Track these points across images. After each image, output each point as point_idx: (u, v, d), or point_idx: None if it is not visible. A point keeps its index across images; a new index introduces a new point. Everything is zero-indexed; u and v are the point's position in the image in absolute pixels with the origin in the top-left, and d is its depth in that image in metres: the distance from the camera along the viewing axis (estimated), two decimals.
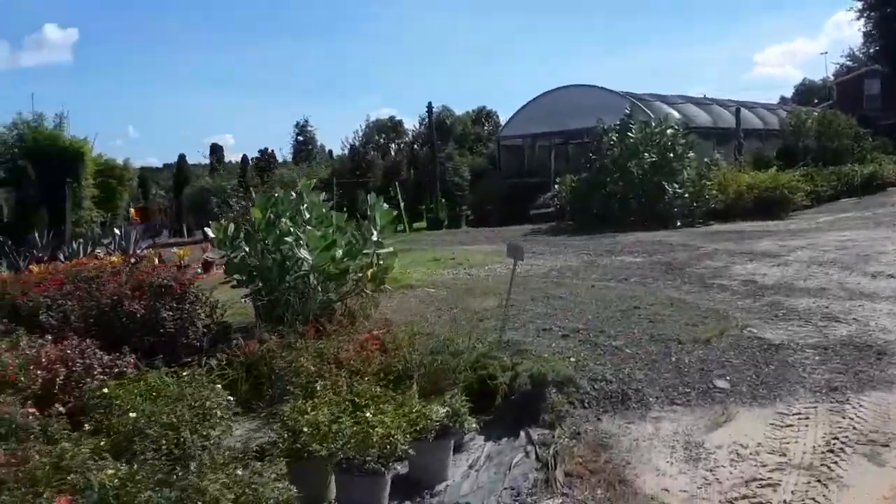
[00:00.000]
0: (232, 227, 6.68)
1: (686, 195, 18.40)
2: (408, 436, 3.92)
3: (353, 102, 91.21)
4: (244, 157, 43.22)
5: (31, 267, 11.54)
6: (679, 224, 17.70)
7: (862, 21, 44.35)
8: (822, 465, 4.32)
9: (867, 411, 5.05)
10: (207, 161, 44.50)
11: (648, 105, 25.38)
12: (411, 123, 35.45)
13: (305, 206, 6.74)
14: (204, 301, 6.50)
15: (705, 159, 20.56)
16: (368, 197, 7.18)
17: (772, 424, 4.96)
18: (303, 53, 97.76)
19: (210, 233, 6.67)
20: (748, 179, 19.93)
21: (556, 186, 21.46)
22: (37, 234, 17.53)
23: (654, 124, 19.62)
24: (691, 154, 19.39)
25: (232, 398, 4.65)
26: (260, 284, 6.64)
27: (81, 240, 17.77)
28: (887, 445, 4.47)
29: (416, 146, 35.21)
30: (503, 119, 33.13)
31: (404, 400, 4.33)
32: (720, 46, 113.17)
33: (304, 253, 6.30)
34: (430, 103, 29.12)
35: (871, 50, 46.54)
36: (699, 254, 12.78)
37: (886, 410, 5.03)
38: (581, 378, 5.75)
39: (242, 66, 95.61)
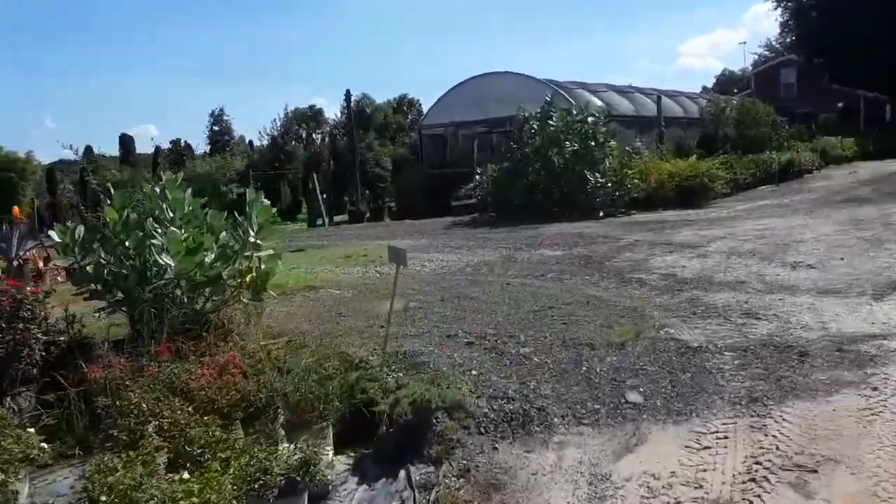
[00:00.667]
0: (81, 229, 5.68)
1: (608, 185, 18.02)
2: (236, 501, 3.11)
3: (277, 91, 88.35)
4: (157, 149, 41.17)
5: None
6: (601, 214, 17.31)
7: (779, 11, 45.45)
8: (742, 499, 3.74)
9: (791, 427, 4.53)
10: (117, 153, 42.23)
11: (570, 93, 24.96)
12: (333, 112, 34.23)
13: (167, 204, 5.81)
14: (42, 317, 5.49)
15: (627, 148, 20.29)
16: (247, 192, 6.29)
17: (687, 448, 4.37)
18: (230, 38, 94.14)
19: (55, 236, 5.65)
20: (669, 168, 19.75)
21: (478, 177, 20.82)
22: None
23: (575, 112, 19.18)
24: (613, 143, 19.06)
25: (57, 442, 3.77)
26: (120, 296, 5.69)
27: None
28: (815, 471, 3.93)
29: (337, 136, 34.03)
30: (426, 108, 32.25)
31: (245, 447, 3.52)
32: (648, 37, 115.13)
33: (165, 258, 5.39)
34: (348, 91, 28.18)
35: (788, 40, 47.80)
36: (619, 245, 12.34)
37: (812, 425, 4.51)
38: (480, 397, 5.07)
39: (169, 51, 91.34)
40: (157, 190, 5.86)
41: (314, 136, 38.04)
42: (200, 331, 5.81)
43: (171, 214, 5.76)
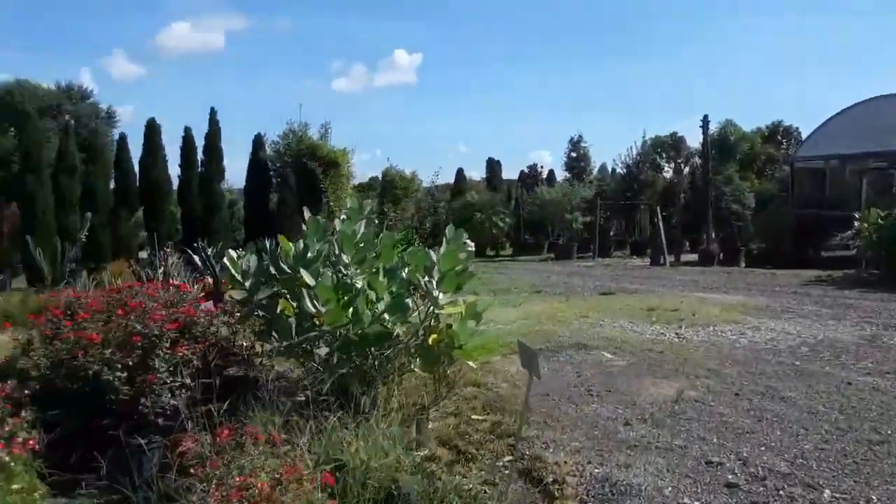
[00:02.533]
0: (252, 260, 4.91)
1: None
2: None
3: (636, 116, 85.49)
4: (521, 174, 42.47)
5: None
6: None
7: None
8: None
9: None
10: (483, 176, 44.64)
11: None
12: (696, 140, 31.29)
13: (337, 237, 4.73)
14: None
15: None
16: (447, 230, 4.93)
17: None
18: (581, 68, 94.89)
19: (234, 259, 4.97)
20: None
21: (856, 223, 16.54)
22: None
23: None
24: None
25: None
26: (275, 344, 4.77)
27: None
28: None
29: (696, 167, 30.99)
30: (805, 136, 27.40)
31: None
32: None
33: (309, 305, 4.31)
34: (706, 116, 24.96)
35: None
36: None
37: None
38: None
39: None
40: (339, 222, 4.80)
41: (670, 165, 35.35)
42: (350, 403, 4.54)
43: (338, 252, 4.63)
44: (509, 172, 45.37)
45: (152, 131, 21.07)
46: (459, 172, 46.03)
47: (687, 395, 6.06)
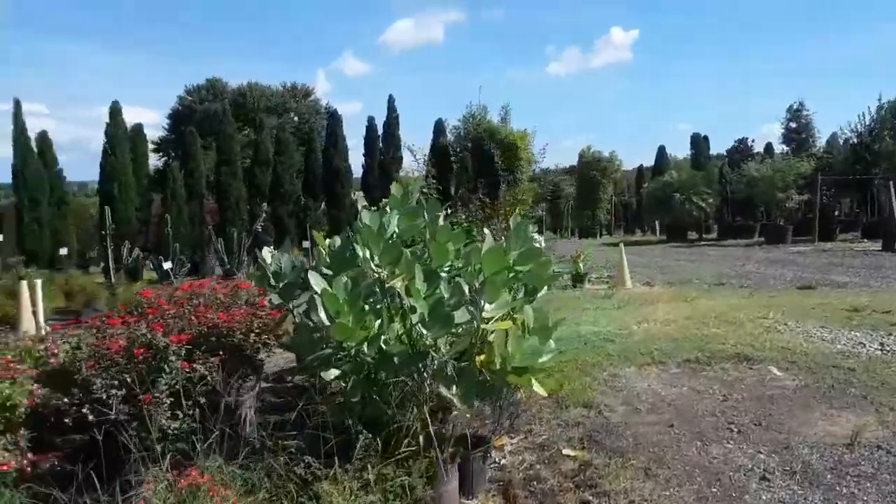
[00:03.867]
0: (285, 259, 4.21)
1: None
2: None
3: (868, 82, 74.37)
4: (730, 149, 38.63)
5: None
6: None
7: None
8: None
9: None
10: (688, 154, 41.39)
11: None
12: None
13: (387, 226, 3.87)
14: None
15: None
16: (511, 220, 3.84)
17: None
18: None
19: (268, 258, 4.30)
20: None
21: None
22: None
23: None
24: None
25: None
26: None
27: None
28: None
29: None
30: None
31: None
32: None
33: (316, 316, 3.52)
34: None
35: None
36: None
37: None
38: None
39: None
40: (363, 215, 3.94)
41: None
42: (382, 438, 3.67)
43: (367, 251, 3.78)
44: (720, 148, 41.57)
45: (335, 122, 21.67)
46: (661, 151, 43.17)
47: (868, 438, 4.46)
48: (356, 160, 23.96)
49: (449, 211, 12.51)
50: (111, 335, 4.02)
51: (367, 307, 3.55)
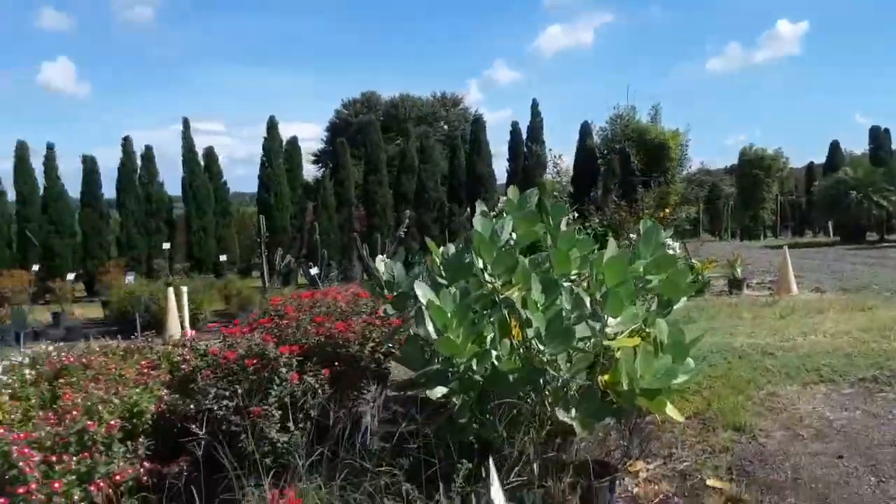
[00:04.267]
0: (398, 268, 3.99)
1: None
2: None
3: None
4: None
5: None
6: None
7: None
8: None
9: None
10: (867, 149, 37.50)
11: None
12: None
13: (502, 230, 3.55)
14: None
15: None
16: (641, 223, 3.37)
17: None
18: None
19: (380, 267, 4.09)
20: None
21: None
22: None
23: None
24: None
25: None
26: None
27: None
28: None
29: None
30: None
31: None
32: None
33: (430, 329, 3.25)
34: None
35: None
36: None
37: None
38: None
39: None
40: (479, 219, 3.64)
41: None
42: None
43: (480, 259, 3.47)
44: None
45: (478, 127, 21.63)
46: (834, 146, 39.50)
47: None
48: (502, 166, 23.87)
49: (584, 215, 11.96)
50: (228, 344, 4.01)
51: (476, 320, 3.26)
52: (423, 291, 3.31)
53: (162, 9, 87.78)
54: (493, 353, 3.26)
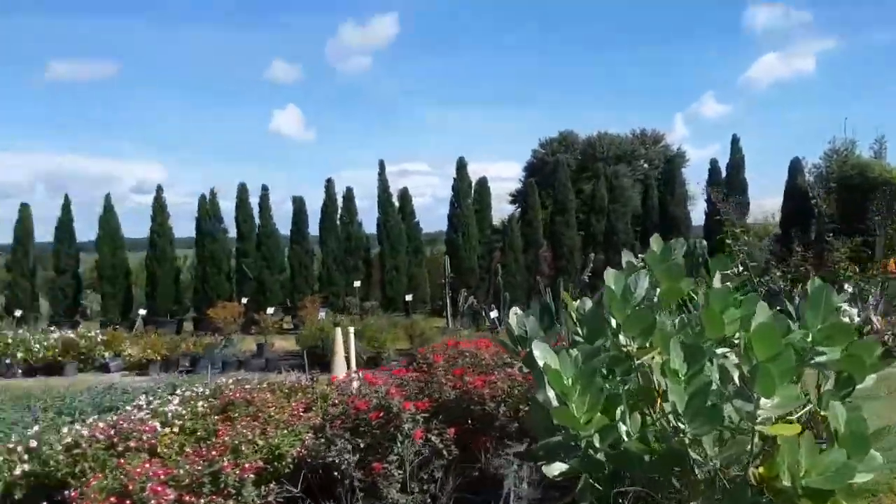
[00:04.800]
0: (531, 322, 3.70)
1: None
2: None
3: None
4: None
5: None
6: None
7: None
8: None
9: None
10: None
11: None
12: None
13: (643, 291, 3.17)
14: None
15: None
16: (808, 283, 2.79)
17: None
18: None
19: (513, 321, 3.80)
20: None
21: None
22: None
23: None
24: None
25: None
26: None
27: None
28: None
29: None
30: None
31: None
32: None
33: (550, 395, 2.93)
34: None
35: None
36: None
37: None
38: None
39: None
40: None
41: None
42: None
43: (612, 320, 3.12)
44: None
45: (672, 166, 20.57)
46: None
47: None
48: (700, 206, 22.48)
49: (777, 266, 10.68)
50: (363, 393, 3.97)
51: (605, 388, 2.92)
52: (541, 352, 3.03)
53: (379, 57, 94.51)
54: (623, 427, 2.89)
